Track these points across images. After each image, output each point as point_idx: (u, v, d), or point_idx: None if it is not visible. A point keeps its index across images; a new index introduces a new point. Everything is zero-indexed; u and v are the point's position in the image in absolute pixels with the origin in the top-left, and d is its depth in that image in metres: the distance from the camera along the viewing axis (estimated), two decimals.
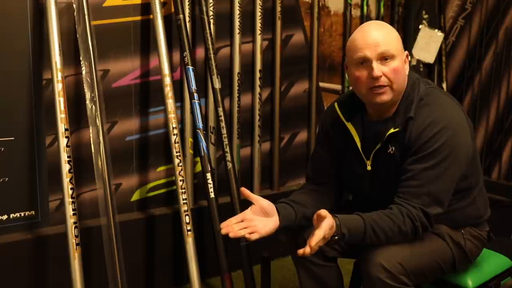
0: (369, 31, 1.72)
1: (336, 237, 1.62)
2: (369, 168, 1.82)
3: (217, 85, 2.50)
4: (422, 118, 1.70)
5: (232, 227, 1.66)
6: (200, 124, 2.42)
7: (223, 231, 1.66)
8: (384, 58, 1.68)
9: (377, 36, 1.69)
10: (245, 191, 1.73)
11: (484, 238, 1.91)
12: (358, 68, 1.71)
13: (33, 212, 2.34)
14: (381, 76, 1.68)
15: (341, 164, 1.92)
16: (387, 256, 1.65)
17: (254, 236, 1.66)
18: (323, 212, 1.58)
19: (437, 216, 1.70)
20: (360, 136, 1.82)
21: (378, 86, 1.69)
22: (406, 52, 1.77)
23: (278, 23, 2.88)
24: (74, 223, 2.07)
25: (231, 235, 1.64)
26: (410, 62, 3.39)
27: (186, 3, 2.54)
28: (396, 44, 1.71)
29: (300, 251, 1.58)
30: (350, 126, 1.84)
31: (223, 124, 2.50)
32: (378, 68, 1.67)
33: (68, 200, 2.07)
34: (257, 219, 1.70)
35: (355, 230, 1.65)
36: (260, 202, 1.73)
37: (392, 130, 1.73)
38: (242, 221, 1.68)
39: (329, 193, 1.95)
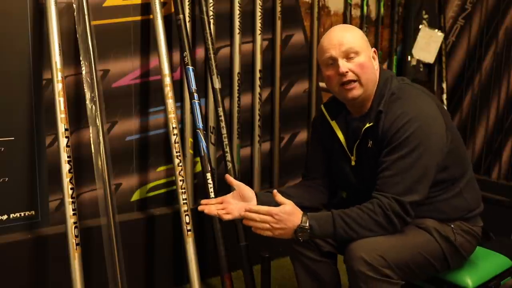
0: (333, 33, 1.85)
1: (304, 227, 1.69)
2: (353, 163, 1.90)
3: (217, 85, 2.50)
4: (392, 111, 1.77)
5: (209, 206, 1.82)
6: (200, 124, 2.42)
7: (200, 208, 1.83)
8: (349, 55, 1.79)
9: (340, 37, 1.81)
10: (228, 177, 1.91)
11: (477, 233, 1.92)
12: (327, 68, 1.84)
13: (33, 212, 2.34)
14: (347, 72, 1.78)
15: (331, 162, 1.99)
16: (368, 249, 1.67)
17: (227, 217, 1.81)
18: (280, 198, 1.73)
19: (414, 204, 1.72)
20: (344, 133, 1.91)
21: (347, 81, 1.79)
22: (374, 48, 1.87)
23: (278, 23, 2.88)
24: (74, 223, 2.07)
25: (206, 211, 1.82)
26: (410, 62, 3.42)
27: (186, 3, 2.54)
28: (359, 42, 1.82)
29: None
30: (334, 124, 1.94)
31: (223, 124, 2.50)
32: (343, 65, 1.79)
33: (68, 200, 2.07)
34: (234, 203, 1.85)
35: (324, 221, 1.71)
36: (241, 188, 1.88)
37: (367, 125, 1.81)
38: (221, 203, 1.84)
39: (322, 189, 2.02)
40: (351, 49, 1.78)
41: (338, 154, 1.94)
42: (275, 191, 1.75)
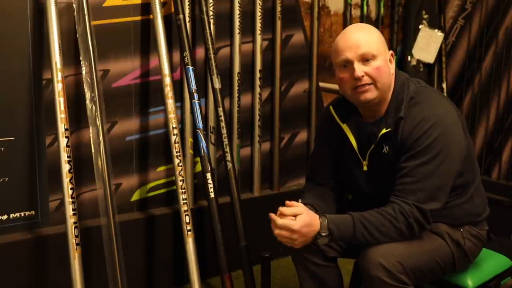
0: (350, 34, 1.77)
1: (324, 234, 1.67)
2: (365, 168, 1.85)
3: (217, 85, 2.50)
4: (412, 117, 1.73)
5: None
6: (200, 124, 2.42)
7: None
8: (365, 58, 1.73)
9: (357, 38, 1.74)
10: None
11: (484, 237, 1.92)
12: (341, 70, 1.77)
13: (33, 212, 2.34)
14: (363, 76, 1.72)
15: (339, 165, 1.94)
16: (386, 255, 1.66)
17: None
18: (290, 211, 1.68)
19: (433, 211, 1.70)
20: (356, 137, 1.85)
21: (361, 85, 1.73)
22: (391, 51, 1.81)
23: (278, 23, 2.88)
24: (74, 223, 2.07)
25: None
26: (410, 62, 3.42)
27: (186, 3, 2.54)
28: (377, 44, 1.75)
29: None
30: (345, 127, 1.87)
31: (223, 124, 2.50)
32: (359, 69, 1.72)
33: (68, 200, 2.07)
34: None
35: (344, 225, 1.68)
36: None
37: (384, 131, 1.76)
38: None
39: (332, 193, 1.97)
40: (368, 52, 1.71)
41: (349, 158, 1.88)
42: (281, 209, 1.70)
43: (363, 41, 1.73)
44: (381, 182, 1.80)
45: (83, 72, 2.25)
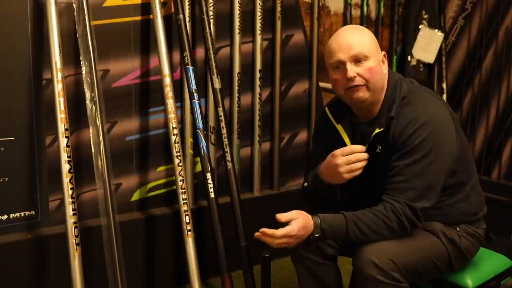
0: (342, 35, 1.79)
1: (317, 235, 1.69)
2: None
3: (217, 85, 2.50)
4: (404, 116, 1.75)
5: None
6: (200, 124, 2.42)
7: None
8: (357, 59, 1.75)
9: (350, 40, 1.76)
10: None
11: (481, 236, 1.92)
12: (334, 71, 1.79)
13: (33, 212, 2.34)
14: (355, 77, 1.74)
15: None
16: (378, 253, 1.67)
17: None
18: (286, 217, 1.67)
19: (424, 210, 1.71)
20: (350, 137, 1.88)
21: (354, 86, 1.75)
22: (383, 52, 1.83)
23: (278, 23, 2.88)
24: (74, 223, 2.07)
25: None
26: (410, 62, 3.42)
27: (186, 3, 2.55)
28: (369, 45, 1.77)
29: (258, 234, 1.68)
30: (340, 127, 1.89)
31: (223, 124, 2.50)
32: (352, 69, 1.74)
33: (68, 200, 2.07)
34: None
35: (336, 225, 1.70)
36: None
37: (377, 131, 1.78)
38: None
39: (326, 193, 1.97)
40: (360, 53, 1.74)
41: None
42: (278, 215, 1.69)
43: (355, 42, 1.75)
44: (375, 182, 1.81)
45: (83, 72, 2.25)
